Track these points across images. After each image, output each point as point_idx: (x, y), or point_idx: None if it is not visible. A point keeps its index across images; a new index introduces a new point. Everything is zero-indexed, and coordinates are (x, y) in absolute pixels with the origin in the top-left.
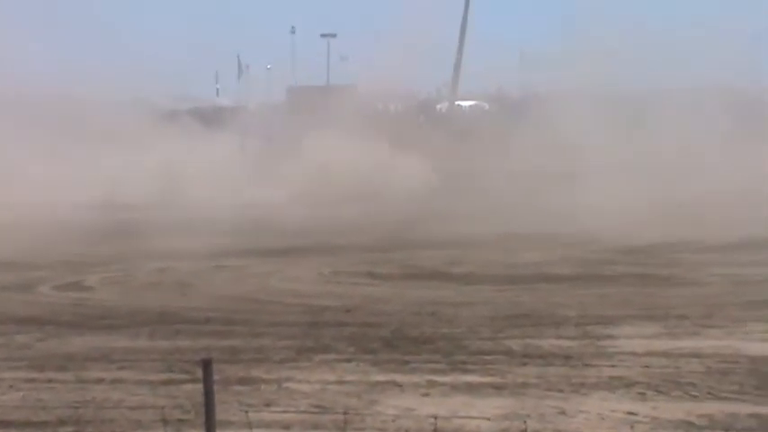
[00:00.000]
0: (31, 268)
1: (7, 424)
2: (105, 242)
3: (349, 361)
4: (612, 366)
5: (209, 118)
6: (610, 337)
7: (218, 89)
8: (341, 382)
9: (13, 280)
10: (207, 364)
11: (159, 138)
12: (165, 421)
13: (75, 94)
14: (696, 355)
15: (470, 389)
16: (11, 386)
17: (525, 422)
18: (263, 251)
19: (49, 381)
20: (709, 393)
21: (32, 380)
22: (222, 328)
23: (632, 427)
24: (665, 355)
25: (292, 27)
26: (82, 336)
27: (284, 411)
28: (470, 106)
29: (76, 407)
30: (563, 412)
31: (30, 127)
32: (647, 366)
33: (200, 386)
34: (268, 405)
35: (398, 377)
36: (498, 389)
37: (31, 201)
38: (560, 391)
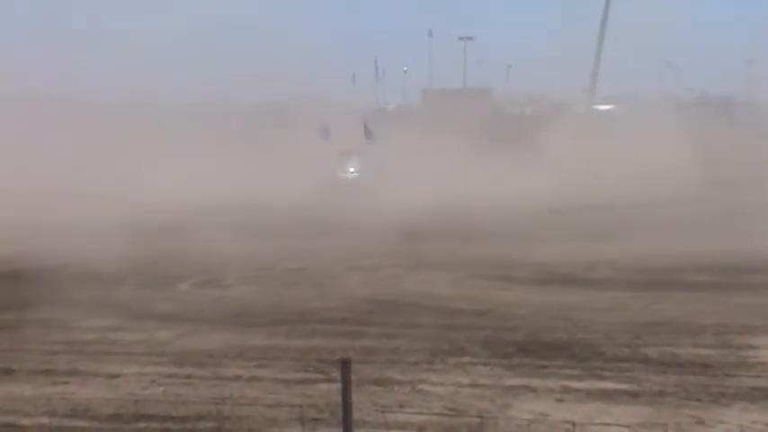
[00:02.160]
0: (170, 266)
1: (149, 418)
2: (243, 242)
3: (483, 364)
4: (755, 377)
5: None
6: (751, 347)
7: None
8: (475, 386)
9: (153, 278)
10: (345, 364)
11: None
12: (302, 420)
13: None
14: None
15: (606, 395)
16: (152, 381)
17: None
18: (395, 253)
19: (189, 376)
20: None
21: (173, 375)
22: (357, 328)
23: None
24: None
25: (429, 30)
26: (220, 333)
27: (418, 413)
28: (607, 110)
29: (216, 403)
30: (701, 422)
31: (167, 129)
32: None
33: (334, 386)
34: (402, 406)
35: (533, 382)
36: (635, 396)
37: (168, 202)
38: (699, 400)
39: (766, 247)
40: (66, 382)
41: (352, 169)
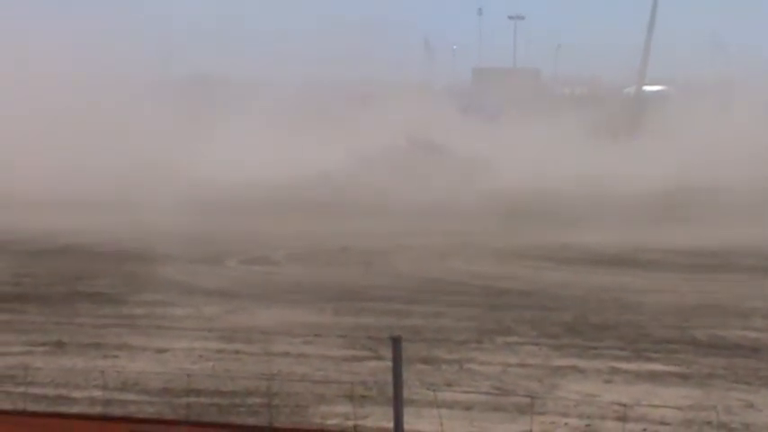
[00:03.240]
0: (220, 242)
1: (198, 392)
2: (292, 219)
3: (531, 344)
4: None
5: None
6: None
7: None
8: (522, 365)
9: (203, 253)
10: (396, 342)
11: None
12: (351, 397)
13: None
14: None
15: (654, 377)
16: (201, 356)
17: (716, 413)
18: (443, 232)
19: (237, 352)
20: None
21: (221, 350)
22: (404, 306)
23: None
24: None
25: (479, 8)
26: (268, 309)
27: (466, 392)
28: (656, 92)
29: (264, 379)
30: (750, 405)
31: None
32: None
33: (382, 363)
34: (449, 385)
35: (581, 362)
36: (683, 378)
37: (223, 178)
38: (748, 383)
39: None
40: (116, 356)
41: None
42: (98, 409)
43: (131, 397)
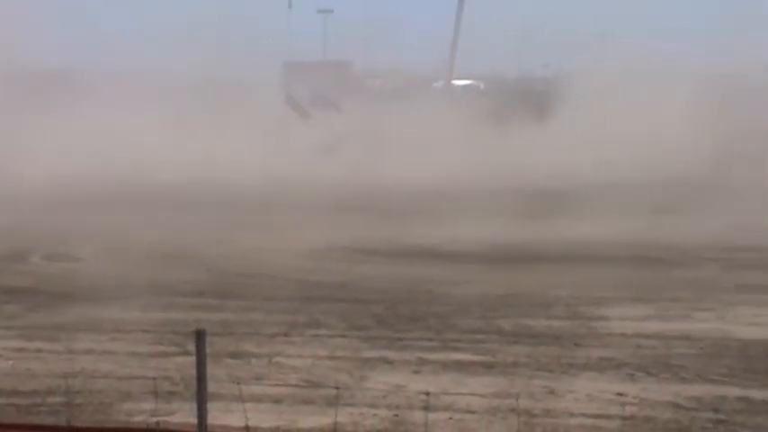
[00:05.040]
0: (22, 239)
1: None
2: (97, 214)
3: (341, 336)
4: (604, 347)
5: None
6: (601, 317)
7: None
8: (332, 358)
9: (4, 250)
10: (200, 335)
11: None
12: (156, 393)
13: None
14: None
15: (461, 367)
16: None
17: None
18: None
19: (38, 350)
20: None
21: (22, 349)
22: (215, 302)
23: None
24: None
25: (289, 1)
26: (71, 306)
27: (275, 385)
28: (465, 86)
29: (65, 377)
30: (552, 392)
31: None
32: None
33: (189, 359)
34: (258, 379)
35: (389, 354)
36: (488, 367)
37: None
38: (550, 371)
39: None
40: None
41: None
42: None
43: None
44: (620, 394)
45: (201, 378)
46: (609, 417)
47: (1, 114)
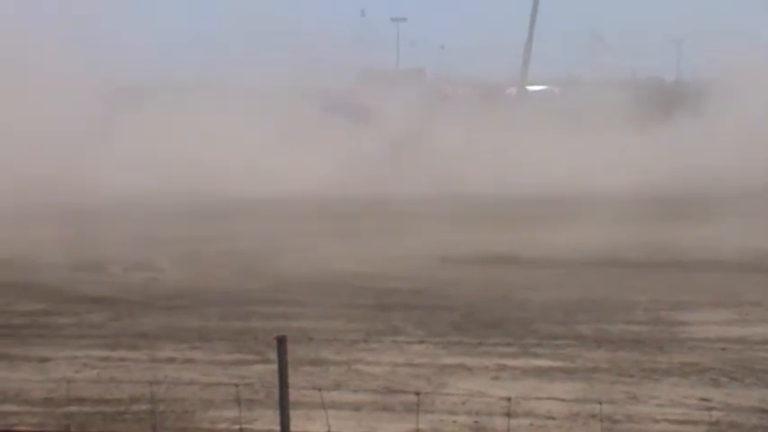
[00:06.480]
0: (100, 249)
1: (82, 401)
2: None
3: (419, 343)
4: (686, 352)
5: None
6: (682, 323)
7: None
8: (410, 365)
9: (84, 261)
10: (281, 342)
11: None
12: (238, 401)
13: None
14: None
15: (540, 373)
16: (85, 364)
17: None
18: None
19: (122, 359)
20: None
21: (106, 358)
22: (293, 309)
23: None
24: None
25: (362, 10)
26: (152, 316)
27: (356, 390)
28: (539, 91)
29: (149, 383)
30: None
31: None
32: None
33: (269, 366)
34: (338, 386)
35: (468, 360)
36: (569, 373)
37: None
38: (630, 376)
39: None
40: None
41: None
42: None
43: (13, 408)
44: (705, 399)
45: (283, 384)
46: (694, 422)
47: (92, 127)
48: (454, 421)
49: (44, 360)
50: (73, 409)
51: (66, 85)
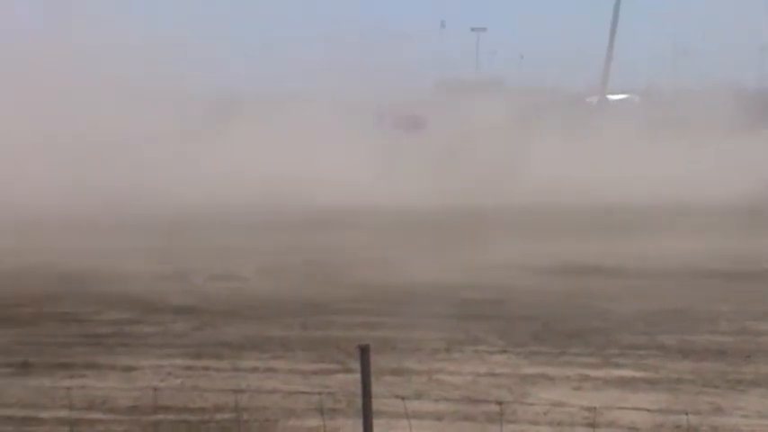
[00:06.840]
0: (184, 260)
1: (167, 409)
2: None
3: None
4: None
5: None
6: (766, 333)
7: None
8: (492, 374)
9: (168, 271)
10: (364, 351)
11: None
12: (320, 410)
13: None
14: None
15: (623, 383)
16: (169, 373)
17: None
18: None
19: (206, 368)
20: None
21: (190, 367)
22: (373, 319)
23: None
24: None
25: (442, 21)
26: (235, 325)
27: (438, 400)
28: (620, 100)
29: (233, 392)
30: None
31: None
32: None
33: (351, 376)
34: (420, 395)
35: (549, 370)
36: (652, 384)
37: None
38: (715, 387)
39: None
40: (84, 375)
41: None
42: (65, 430)
43: (99, 416)
44: None
45: (367, 393)
46: None
47: (172, 140)
48: (537, 431)
49: (129, 369)
50: (159, 417)
51: (155, 98)
